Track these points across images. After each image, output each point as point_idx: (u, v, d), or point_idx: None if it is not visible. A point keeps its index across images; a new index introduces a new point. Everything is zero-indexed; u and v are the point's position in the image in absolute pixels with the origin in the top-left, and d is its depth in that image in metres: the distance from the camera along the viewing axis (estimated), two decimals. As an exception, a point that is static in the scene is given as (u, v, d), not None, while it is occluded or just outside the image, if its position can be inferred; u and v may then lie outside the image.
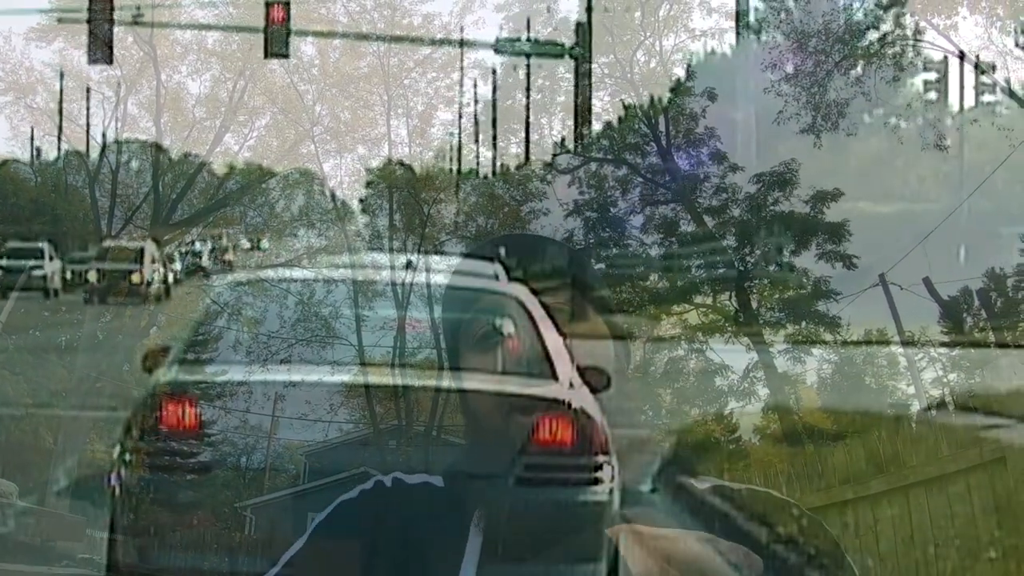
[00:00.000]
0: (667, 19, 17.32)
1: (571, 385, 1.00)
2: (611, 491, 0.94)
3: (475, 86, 18.96)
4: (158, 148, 18.67)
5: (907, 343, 13.65)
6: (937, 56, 14.71)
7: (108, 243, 17.36)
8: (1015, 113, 14.18)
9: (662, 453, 1.10)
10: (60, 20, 16.17)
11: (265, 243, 19.49)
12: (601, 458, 0.95)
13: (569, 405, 0.97)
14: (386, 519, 1.09)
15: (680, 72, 16.86)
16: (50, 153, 18.29)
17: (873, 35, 14.75)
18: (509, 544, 0.95)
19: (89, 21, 12.22)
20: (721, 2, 20.53)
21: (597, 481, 0.94)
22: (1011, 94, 14.08)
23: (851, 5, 14.78)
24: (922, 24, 14.55)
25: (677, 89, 16.21)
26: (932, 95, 14.81)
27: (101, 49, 12.39)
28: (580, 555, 0.93)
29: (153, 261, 17.21)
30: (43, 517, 13.83)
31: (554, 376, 1.00)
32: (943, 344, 13.83)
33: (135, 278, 16.72)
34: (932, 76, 14.91)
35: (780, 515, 1.13)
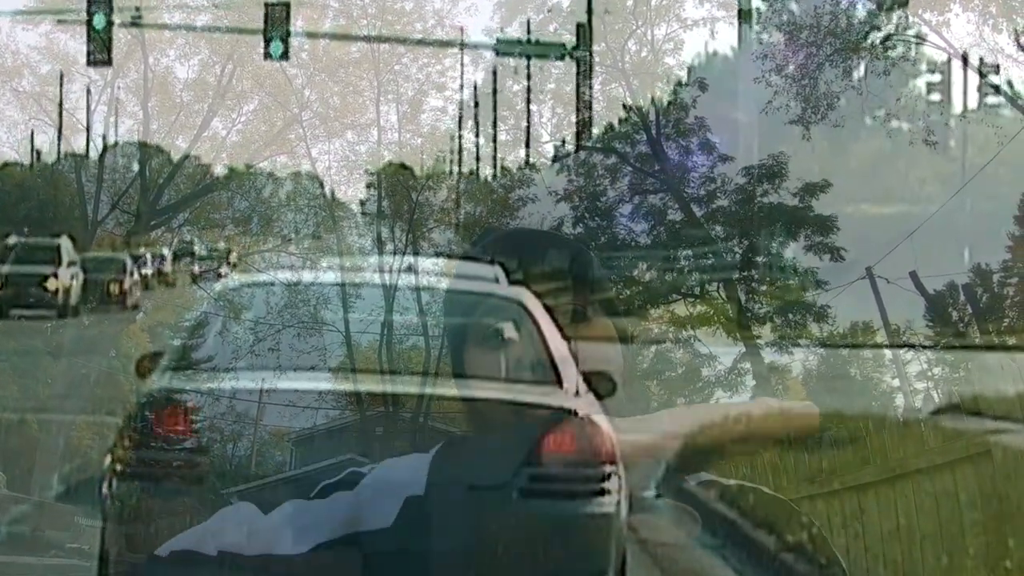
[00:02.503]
0: (659, 8, 17.29)
1: (577, 392, 0.96)
2: (618, 502, 0.91)
3: (463, 73, 18.88)
4: (145, 132, 18.54)
5: (894, 340, 13.73)
6: (929, 53, 14.76)
7: (12, 239, 14.61)
8: (1006, 110, 14.24)
9: (665, 457, 1.06)
10: (60, 21, 15.96)
11: (234, 257, 17.55)
12: (608, 468, 0.91)
13: (575, 413, 0.93)
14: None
15: (671, 61, 16.85)
16: (37, 138, 18.11)
17: (866, 30, 14.76)
18: (510, 555, 0.91)
19: (88, 23, 12.06)
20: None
21: (604, 492, 0.91)
22: (1000, 90, 14.13)
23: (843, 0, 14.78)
24: (913, 20, 14.58)
25: (671, 79, 16.21)
26: (923, 91, 14.86)
27: (99, 50, 12.23)
28: (588, 569, 0.90)
29: (70, 264, 14.33)
30: (31, 506, 13.73)
31: (559, 383, 0.97)
32: (928, 337, 13.92)
33: (50, 284, 13.84)
34: (923, 72, 14.96)
35: (770, 511, 1.12)
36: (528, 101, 16.94)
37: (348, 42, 19.15)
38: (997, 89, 14.21)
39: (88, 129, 18.20)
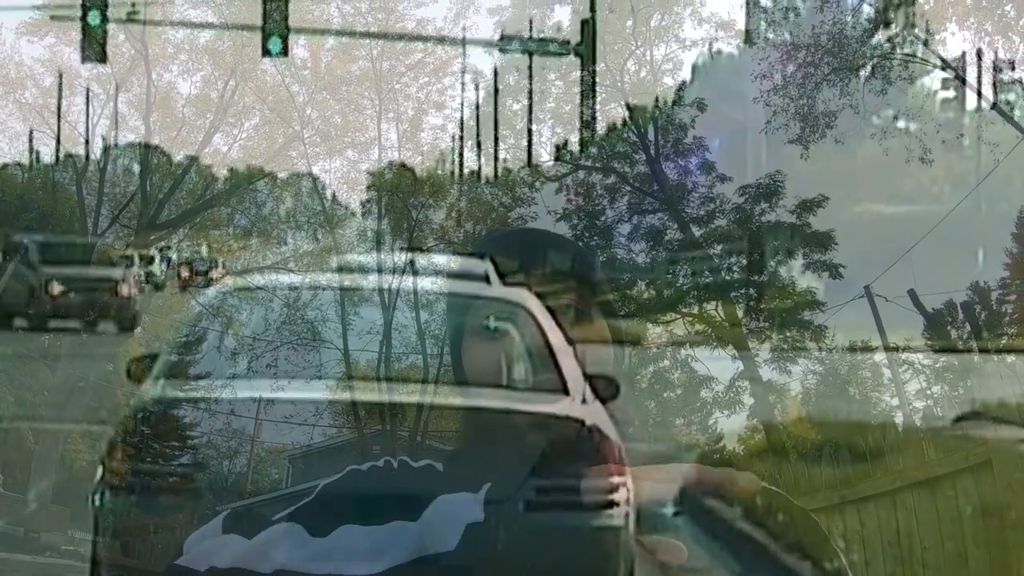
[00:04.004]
0: (658, 29, 17.42)
1: (584, 400, 0.94)
2: (627, 515, 0.89)
3: (463, 91, 18.99)
4: (146, 147, 18.55)
5: (893, 358, 13.74)
6: (926, 71, 14.86)
7: (26, 238, 12.78)
8: (1003, 127, 14.33)
9: (684, 471, 1.02)
10: (53, 17, 15.99)
11: (219, 272, 15.95)
12: (616, 479, 0.89)
13: (583, 423, 0.91)
14: (386, 493, 1.10)
15: (670, 81, 16.96)
16: (38, 150, 18.14)
17: (864, 48, 14.89)
18: (521, 567, 0.92)
19: (83, 18, 12.02)
20: (711, 12, 20.63)
21: (612, 504, 0.88)
22: (996, 107, 14.22)
23: (843, 18, 14.91)
24: (911, 38, 14.70)
25: (670, 99, 16.31)
26: (920, 109, 14.95)
27: (94, 47, 12.17)
28: None
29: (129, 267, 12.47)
30: (27, 507, 13.65)
31: (565, 391, 0.94)
32: (927, 356, 13.93)
33: (123, 290, 11.92)
34: (920, 90, 15.06)
35: (801, 531, 1.10)
36: (530, 120, 17.02)
37: (350, 60, 19.27)
38: (994, 106, 14.30)
39: (89, 142, 18.26)
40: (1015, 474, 4.10)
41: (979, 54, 14.27)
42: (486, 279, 1.07)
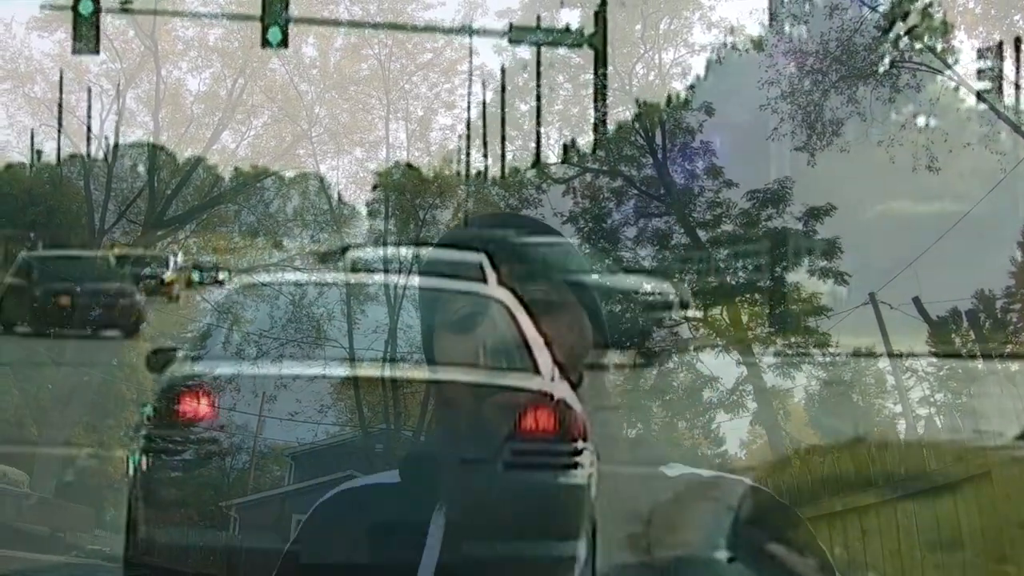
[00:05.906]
0: (667, 33, 17.41)
1: (553, 379, 1.05)
2: (590, 476, 1.00)
3: (470, 90, 19.00)
4: (155, 143, 18.59)
5: (897, 365, 13.72)
6: (934, 79, 14.84)
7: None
8: (1010, 137, 14.29)
9: (731, 504, 1.03)
10: (43, 8, 15.93)
11: (224, 275, 15.19)
12: (580, 444, 1.00)
13: (552, 396, 1.02)
14: (351, 521, 1.15)
15: (678, 86, 16.94)
16: (46, 144, 18.17)
17: (872, 57, 14.87)
18: (478, 527, 1.00)
19: (74, 8, 11.89)
20: (720, 17, 20.61)
21: (577, 466, 1.00)
22: (1003, 116, 14.19)
23: (852, 25, 14.89)
24: (919, 47, 14.67)
25: (678, 103, 16.29)
26: (928, 118, 14.93)
27: (86, 38, 11.98)
28: (559, 535, 1.00)
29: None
30: (52, 507, 13.64)
31: (536, 371, 1.06)
32: (931, 364, 13.91)
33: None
34: (928, 99, 15.02)
35: (773, 512, 1.13)
36: (538, 123, 17.02)
37: (359, 60, 19.30)
38: (1001, 115, 14.27)
39: (98, 138, 18.31)
40: (1015, 484, 4.11)
41: (988, 63, 14.24)
42: (481, 274, 1.13)
